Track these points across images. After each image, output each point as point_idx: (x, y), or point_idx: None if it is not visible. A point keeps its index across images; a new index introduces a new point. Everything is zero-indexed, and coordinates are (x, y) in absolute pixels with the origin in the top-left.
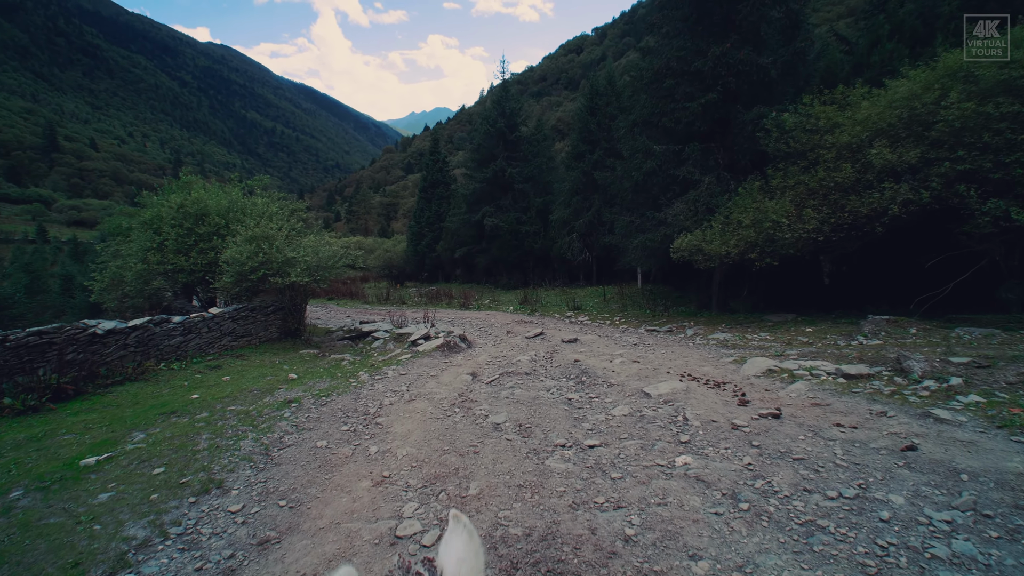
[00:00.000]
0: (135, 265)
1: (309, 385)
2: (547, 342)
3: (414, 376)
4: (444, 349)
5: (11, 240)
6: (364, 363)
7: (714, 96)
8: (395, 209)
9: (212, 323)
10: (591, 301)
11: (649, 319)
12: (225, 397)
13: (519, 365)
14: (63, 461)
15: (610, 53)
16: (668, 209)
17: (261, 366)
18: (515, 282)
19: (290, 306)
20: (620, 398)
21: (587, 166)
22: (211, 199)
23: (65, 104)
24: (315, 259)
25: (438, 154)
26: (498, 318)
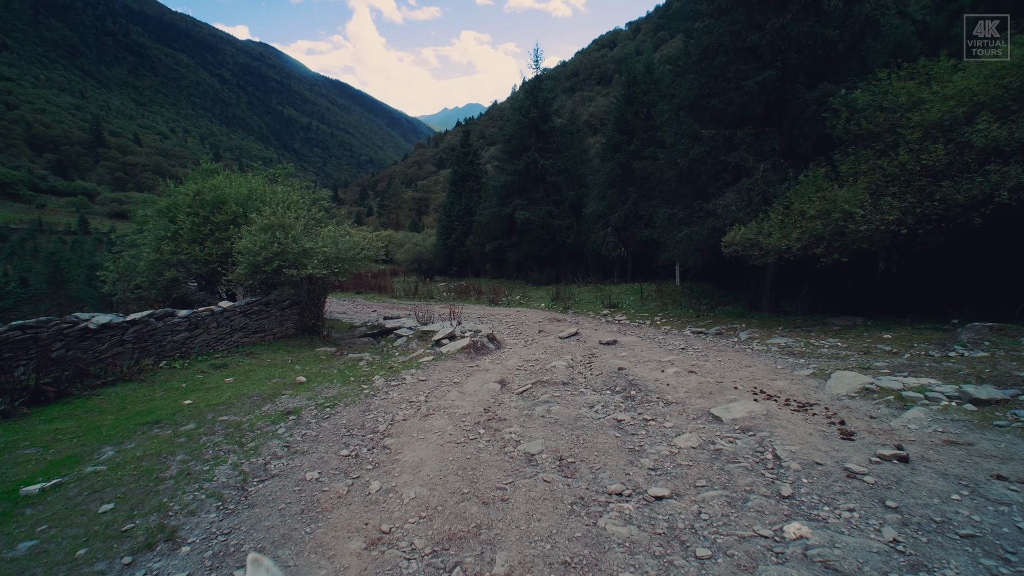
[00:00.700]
0: (148, 255)
1: (316, 391)
2: (583, 344)
3: (434, 383)
4: (470, 351)
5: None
6: (382, 365)
7: (772, 74)
8: (426, 204)
9: (221, 318)
10: (627, 299)
11: (693, 319)
12: (220, 404)
13: (554, 372)
14: (3, 488)
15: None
16: (717, 200)
17: (270, 366)
18: (546, 278)
19: (307, 300)
20: (683, 422)
21: (624, 157)
22: (229, 187)
23: (111, 101)
24: (334, 250)
25: (469, 147)
26: (529, 315)
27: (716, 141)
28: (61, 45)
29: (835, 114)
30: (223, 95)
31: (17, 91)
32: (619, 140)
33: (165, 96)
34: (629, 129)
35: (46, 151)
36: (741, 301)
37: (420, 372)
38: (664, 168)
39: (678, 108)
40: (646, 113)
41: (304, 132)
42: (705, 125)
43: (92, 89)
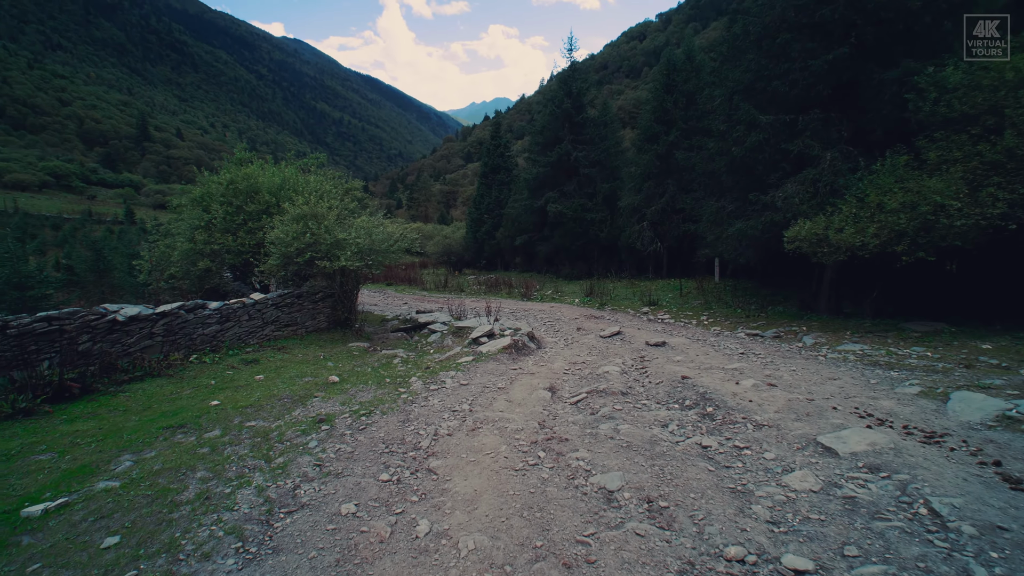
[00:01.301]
0: (182, 244)
1: (350, 394)
2: (629, 345)
3: (477, 388)
4: (511, 351)
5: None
6: (418, 364)
7: (845, 51)
8: (454, 197)
9: (253, 311)
10: (666, 295)
11: (743, 320)
12: (248, 406)
13: (608, 379)
14: (5, 506)
15: (674, 39)
16: (776, 191)
17: (302, 362)
18: (578, 272)
19: (340, 293)
20: (786, 453)
21: (662, 148)
22: (262, 176)
23: (156, 97)
24: (368, 241)
25: (499, 139)
26: (564, 311)
27: (776, 127)
28: (110, 44)
29: (920, 95)
30: (259, 91)
31: (71, 88)
32: (657, 130)
33: (205, 92)
34: (668, 119)
35: (96, 145)
36: (792, 301)
37: (460, 375)
38: (712, 158)
39: (731, 93)
40: (685, 102)
41: (336, 126)
42: (763, 110)
43: (138, 86)
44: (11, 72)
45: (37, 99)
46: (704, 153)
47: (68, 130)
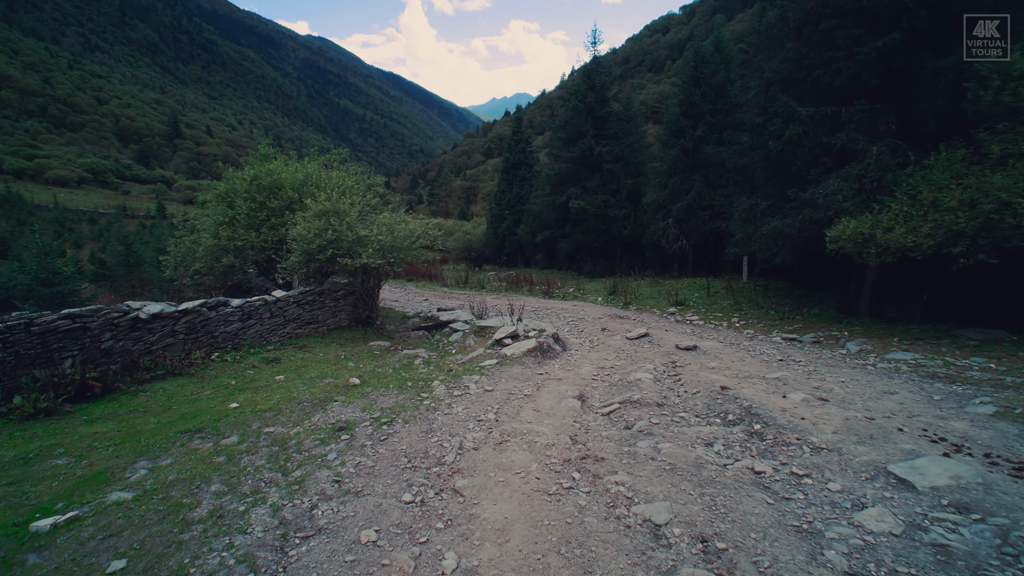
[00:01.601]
0: (207, 240)
1: (371, 399)
2: (658, 348)
3: (503, 395)
4: (536, 354)
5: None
6: (440, 366)
7: (896, 37)
8: (475, 192)
9: (275, 308)
10: (693, 295)
11: (777, 323)
12: (267, 410)
13: (641, 387)
14: (16, 517)
15: (699, 32)
16: (816, 188)
17: (323, 361)
18: (600, 269)
19: (361, 290)
20: (853, 483)
21: (688, 143)
22: (286, 171)
23: (187, 95)
24: (389, 239)
25: (521, 134)
26: (587, 310)
27: (816, 120)
28: (144, 44)
29: (982, 83)
30: (285, 88)
31: (107, 87)
32: (684, 125)
33: (233, 90)
34: (695, 113)
35: (131, 142)
36: (829, 303)
37: (484, 379)
38: (745, 153)
39: (767, 84)
40: (714, 95)
41: (359, 123)
42: (803, 102)
43: (170, 84)
44: (53, 73)
45: (76, 98)
46: (735, 148)
47: (105, 128)
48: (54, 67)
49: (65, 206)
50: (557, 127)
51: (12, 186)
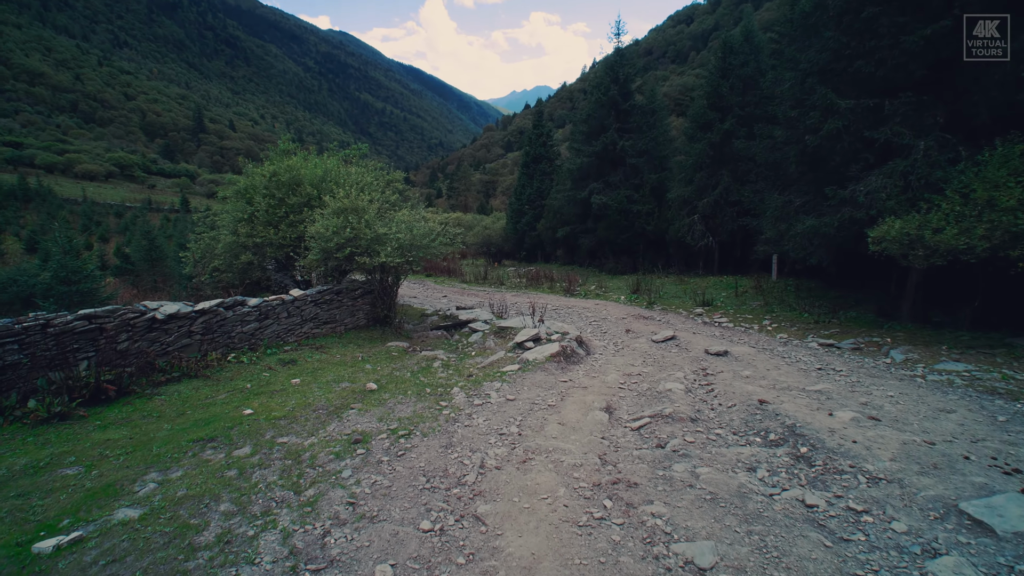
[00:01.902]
0: (225, 237)
1: (388, 407)
2: (687, 353)
3: (525, 405)
4: (559, 359)
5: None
6: (459, 370)
7: (948, 23)
8: (494, 186)
9: (292, 308)
10: (720, 295)
11: (811, 326)
12: (282, 418)
13: (672, 399)
14: (20, 536)
15: (724, 22)
16: (857, 185)
17: (340, 364)
18: (622, 267)
19: (379, 289)
20: (921, 523)
21: (715, 137)
22: (305, 167)
23: (211, 90)
24: (408, 237)
25: (542, 127)
26: (610, 310)
27: (858, 113)
28: (170, 40)
29: None
30: (306, 83)
31: (135, 83)
32: (711, 118)
33: (256, 85)
34: (723, 105)
35: (157, 137)
36: (866, 305)
37: (506, 387)
38: (777, 148)
39: (803, 75)
40: (743, 87)
41: (379, 116)
42: (843, 94)
43: (195, 80)
44: (83, 69)
45: (105, 94)
46: (767, 142)
47: (132, 123)
48: (84, 64)
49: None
50: (579, 120)
51: (44, 180)
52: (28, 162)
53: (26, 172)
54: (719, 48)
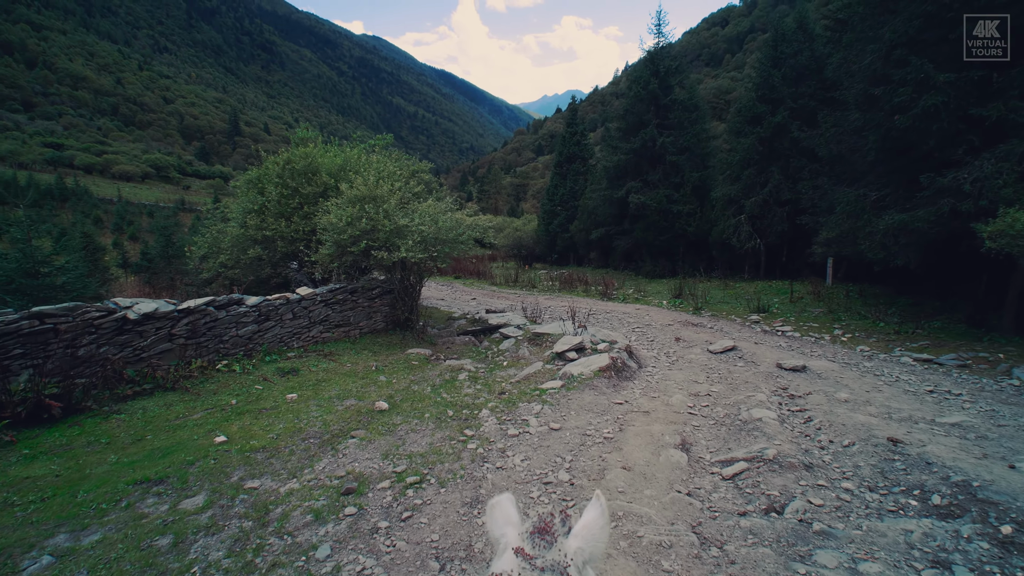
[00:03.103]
0: (233, 229)
1: (399, 435)
2: (754, 367)
3: (574, 436)
4: (610, 374)
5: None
6: (490, 384)
7: None
8: (524, 190)
9: (298, 308)
10: (773, 300)
11: (894, 337)
12: (261, 449)
13: (764, 431)
14: None
15: (760, 24)
16: (960, 171)
17: (349, 375)
18: (661, 270)
19: (400, 289)
20: None
21: (765, 131)
22: (323, 156)
23: (247, 94)
24: (432, 229)
25: (576, 126)
26: (653, 315)
27: (960, 87)
28: (208, 46)
29: None
30: (340, 87)
31: (173, 87)
32: (760, 110)
33: (291, 89)
34: (774, 97)
35: (194, 139)
36: (952, 314)
37: (548, 410)
38: (846, 136)
39: (889, 47)
40: (795, 77)
41: (411, 120)
42: (940, 67)
43: (232, 84)
44: (124, 73)
45: (145, 97)
46: (832, 132)
47: (170, 126)
48: (126, 68)
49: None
50: (616, 116)
51: (81, 180)
52: (68, 163)
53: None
54: (770, 36)
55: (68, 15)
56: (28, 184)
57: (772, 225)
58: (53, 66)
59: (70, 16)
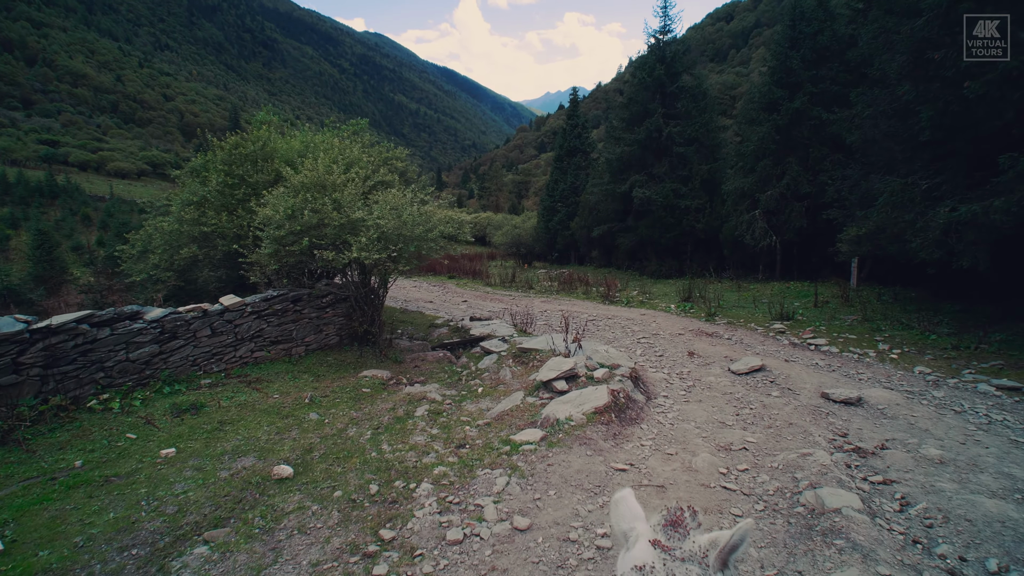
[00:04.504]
0: (168, 224)
1: (275, 541)
2: (794, 398)
3: (550, 549)
4: (609, 417)
5: None
6: (450, 428)
7: None
8: (526, 187)
9: (220, 322)
10: (795, 305)
11: (953, 354)
12: (45, 571)
13: (852, 536)
14: None
15: (765, 19)
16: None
17: (269, 412)
18: (667, 270)
19: (357, 296)
20: None
21: (782, 119)
22: (280, 140)
23: (248, 91)
24: (394, 224)
25: (577, 118)
26: (661, 322)
27: None
28: (210, 43)
29: None
30: (342, 84)
31: (174, 85)
32: (777, 96)
33: (292, 86)
34: (792, 81)
35: (194, 137)
36: (1014, 323)
37: (517, 486)
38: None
39: (948, 4)
40: (815, 59)
41: (413, 118)
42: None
43: (233, 81)
44: (125, 71)
45: (145, 95)
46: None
47: (170, 123)
48: (126, 65)
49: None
50: (619, 105)
51: (74, 178)
52: (63, 160)
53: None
54: (788, 15)
55: (69, 12)
56: (17, 181)
57: (789, 221)
58: (53, 63)
59: (71, 13)
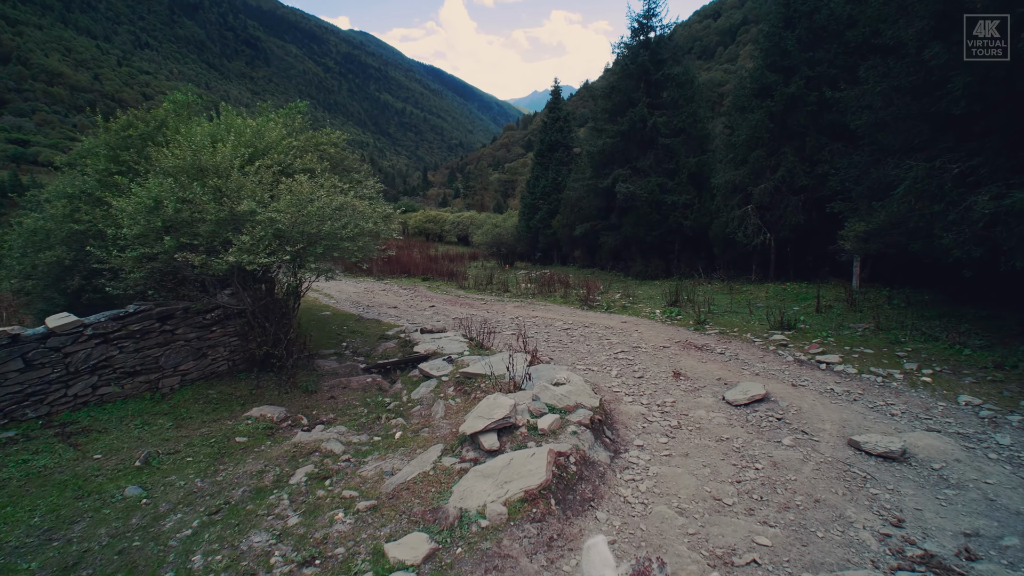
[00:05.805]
0: (32, 222)
1: None
2: (814, 448)
3: None
4: (544, 505)
5: None
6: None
7: None
8: (513, 186)
9: (39, 351)
10: (794, 309)
11: (999, 375)
12: None
13: None
14: None
15: (753, 16)
16: None
17: (60, 490)
18: (653, 270)
19: (255, 310)
20: None
21: (777, 105)
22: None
23: (231, 90)
24: (294, 218)
25: (559, 111)
26: (644, 332)
27: None
28: (191, 41)
29: None
30: (326, 83)
31: (154, 83)
32: (770, 80)
33: (276, 85)
34: (787, 65)
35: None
36: None
37: None
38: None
39: None
40: (811, 40)
41: (399, 117)
42: None
43: (215, 80)
44: (103, 69)
45: (123, 94)
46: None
47: None
48: (104, 64)
49: None
50: (601, 94)
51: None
52: (32, 159)
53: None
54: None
55: (46, 10)
56: None
57: (785, 216)
58: (28, 62)
59: (48, 11)
